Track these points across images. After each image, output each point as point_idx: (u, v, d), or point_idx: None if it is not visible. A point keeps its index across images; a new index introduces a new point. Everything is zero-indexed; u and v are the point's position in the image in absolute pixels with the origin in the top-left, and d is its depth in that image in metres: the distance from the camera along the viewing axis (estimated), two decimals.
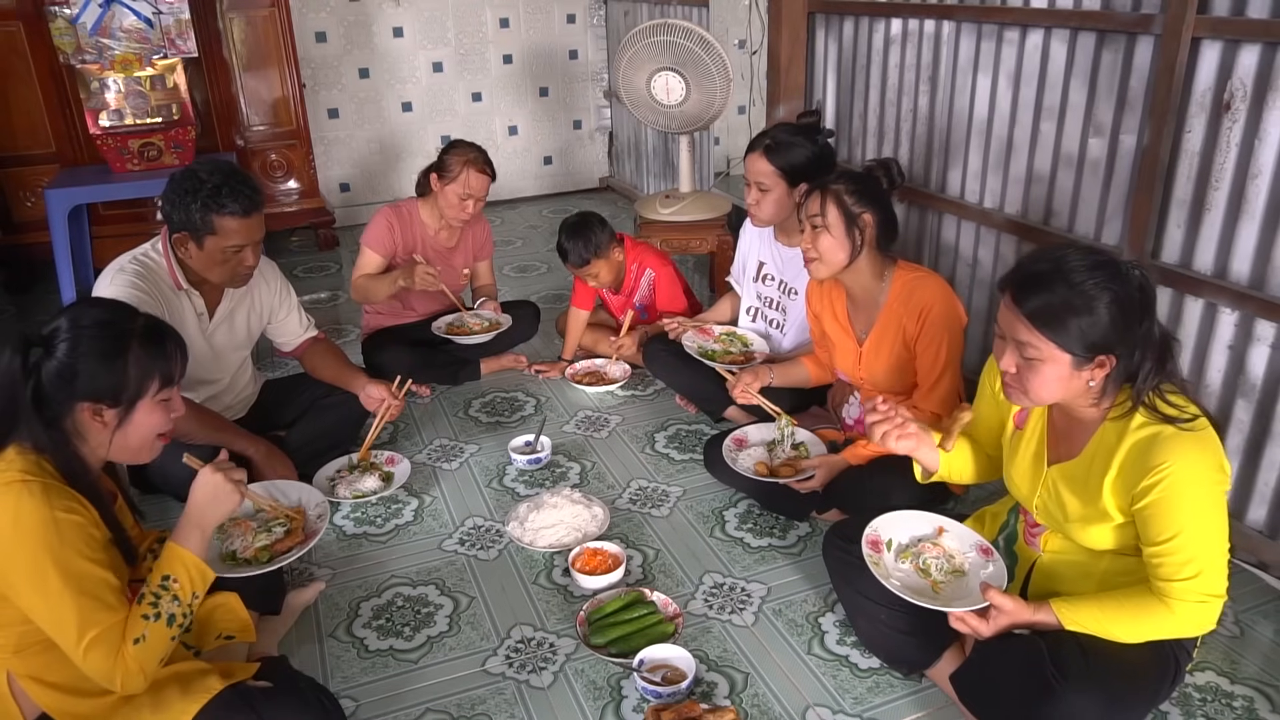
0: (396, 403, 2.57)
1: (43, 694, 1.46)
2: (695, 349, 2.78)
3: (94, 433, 1.50)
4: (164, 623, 1.46)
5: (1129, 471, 1.48)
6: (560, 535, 2.29)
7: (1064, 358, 1.45)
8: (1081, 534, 1.59)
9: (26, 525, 1.37)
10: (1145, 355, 1.45)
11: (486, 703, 1.85)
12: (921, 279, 2.18)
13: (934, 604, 1.63)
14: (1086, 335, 1.42)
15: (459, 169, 2.97)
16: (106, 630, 1.40)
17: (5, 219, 4.29)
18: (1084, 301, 1.41)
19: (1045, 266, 1.46)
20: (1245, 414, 2.14)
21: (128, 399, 1.50)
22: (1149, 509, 1.45)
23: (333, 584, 2.21)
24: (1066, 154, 2.49)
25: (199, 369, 2.41)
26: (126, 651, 1.41)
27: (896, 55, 3.07)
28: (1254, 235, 2.05)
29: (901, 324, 2.16)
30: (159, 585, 1.49)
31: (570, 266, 3.11)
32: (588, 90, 5.70)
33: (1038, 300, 1.44)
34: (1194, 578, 1.45)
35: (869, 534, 1.77)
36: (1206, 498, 1.45)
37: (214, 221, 2.19)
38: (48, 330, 1.47)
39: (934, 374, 2.13)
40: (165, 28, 3.92)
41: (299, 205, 4.80)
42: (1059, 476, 1.61)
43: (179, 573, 1.51)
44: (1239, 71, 2.02)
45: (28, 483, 1.39)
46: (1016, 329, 1.48)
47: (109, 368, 1.47)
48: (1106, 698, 1.48)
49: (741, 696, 1.84)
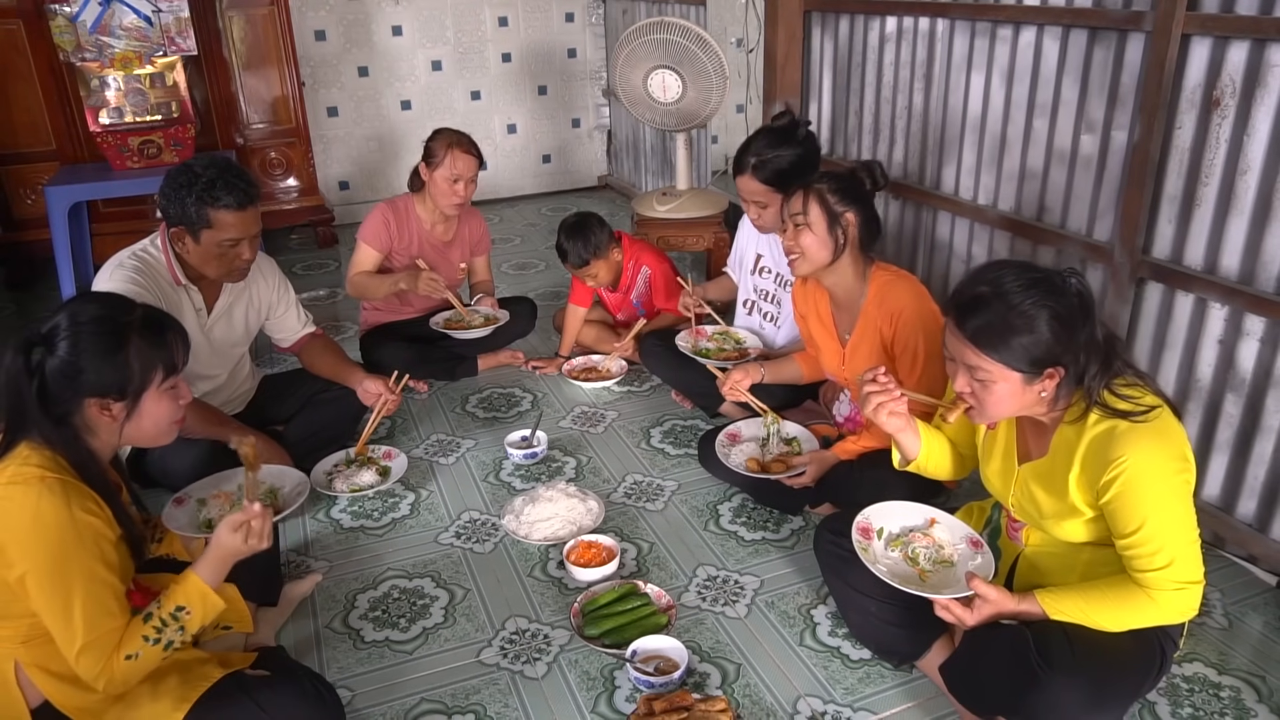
0: (393, 398, 2.59)
1: (48, 683, 1.48)
2: (689, 348, 2.80)
3: (103, 426, 1.52)
4: (160, 647, 1.48)
5: (1090, 467, 1.51)
6: (555, 529, 2.31)
7: (1013, 375, 1.48)
8: (1056, 529, 1.61)
9: (46, 524, 1.38)
10: (1090, 359, 1.48)
11: (481, 693, 1.87)
12: (893, 281, 2.19)
13: (920, 591, 1.65)
14: (1030, 352, 1.46)
15: (443, 152, 2.98)
16: (103, 637, 1.42)
17: (6, 216, 4.31)
18: (1024, 321, 1.45)
19: (983, 289, 1.49)
20: (1235, 408, 2.16)
21: (133, 391, 1.51)
22: (1113, 503, 1.48)
23: (329, 576, 2.23)
24: (1059, 150, 2.51)
25: (198, 364, 2.43)
26: (115, 663, 1.43)
27: (891, 53, 3.08)
28: (1243, 231, 2.07)
29: (878, 326, 2.18)
30: (170, 614, 1.49)
31: (569, 266, 3.13)
32: (586, 89, 5.72)
33: (979, 322, 1.48)
34: (1166, 566, 1.47)
35: (860, 521, 1.79)
36: (1167, 487, 1.47)
37: (209, 215, 2.21)
38: (47, 328, 1.48)
39: (914, 374, 2.14)
40: (165, 26, 3.94)
41: (298, 203, 4.82)
42: (1030, 475, 1.64)
43: (195, 606, 1.52)
44: (1228, 68, 2.03)
45: (46, 480, 1.40)
46: (964, 353, 1.51)
47: (111, 363, 1.48)
48: (1092, 687, 1.49)
49: (733, 687, 1.86)
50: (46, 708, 1.49)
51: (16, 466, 1.42)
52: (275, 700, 1.54)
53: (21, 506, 1.38)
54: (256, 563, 1.95)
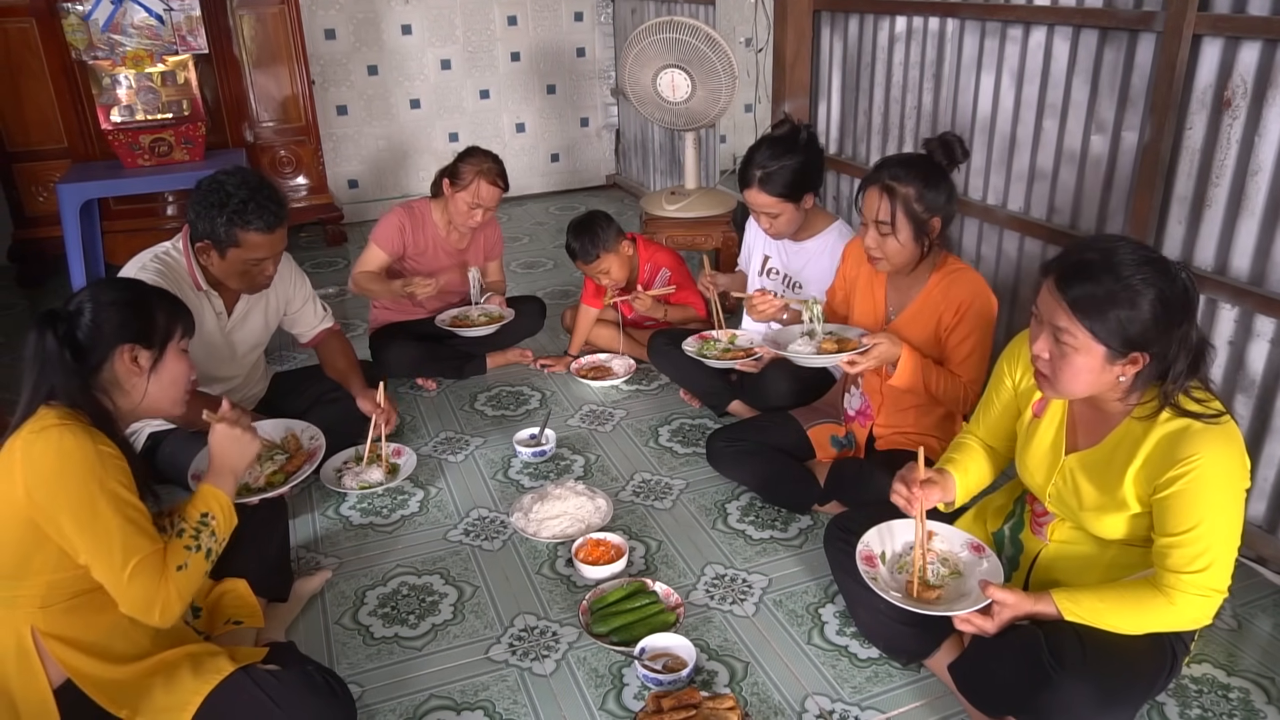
0: (384, 411, 2.56)
1: (68, 655, 1.47)
2: (695, 351, 2.79)
3: (131, 378, 1.58)
4: (203, 555, 1.58)
5: (1155, 463, 1.48)
6: (564, 526, 2.32)
7: (1098, 349, 1.44)
8: (1095, 522, 1.60)
9: (72, 458, 1.44)
10: (1179, 357, 1.44)
11: (489, 689, 1.87)
12: (963, 272, 2.14)
13: (937, 610, 1.64)
14: (1125, 329, 1.41)
15: (471, 178, 2.99)
16: (150, 556, 1.48)
17: (18, 213, 4.33)
18: (1128, 295, 1.40)
19: (1094, 256, 1.44)
20: (1245, 409, 2.15)
21: (160, 340, 1.60)
22: (1171, 499, 1.46)
23: (339, 573, 2.24)
24: (1069, 151, 2.51)
25: (217, 366, 2.45)
26: (170, 576, 1.50)
27: (901, 52, 3.08)
28: (1254, 232, 2.06)
29: (938, 313, 2.13)
30: (199, 522, 1.60)
31: (580, 264, 3.13)
32: (595, 88, 5.73)
33: (1082, 288, 1.42)
34: (1202, 571, 1.46)
35: (862, 550, 1.76)
36: (1230, 493, 1.45)
37: (238, 236, 2.23)
38: (73, 306, 1.56)
39: (964, 365, 2.12)
40: (176, 24, 3.96)
41: (308, 201, 4.83)
42: (1077, 465, 1.61)
43: (215, 511, 1.64)
44: (1239, 68, 2.03)
45: (66, 424, 1.46)
46: (1056, 314, 1.46)
47: (139, 313, 1.60)
48: (1103, 688, 1.49)
49: (741, 685, 1.87)
50: (68, 688, 1.47)
51: (37, 420, 1.47)
52: (287, 694, 1.54)
53: (45, 448, 1.43)
54: (267, 559, 1.98)
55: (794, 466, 2.42)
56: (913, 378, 2.10)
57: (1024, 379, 1.73)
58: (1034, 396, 1.71)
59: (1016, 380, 1.75)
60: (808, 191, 2.56)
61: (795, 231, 2.69)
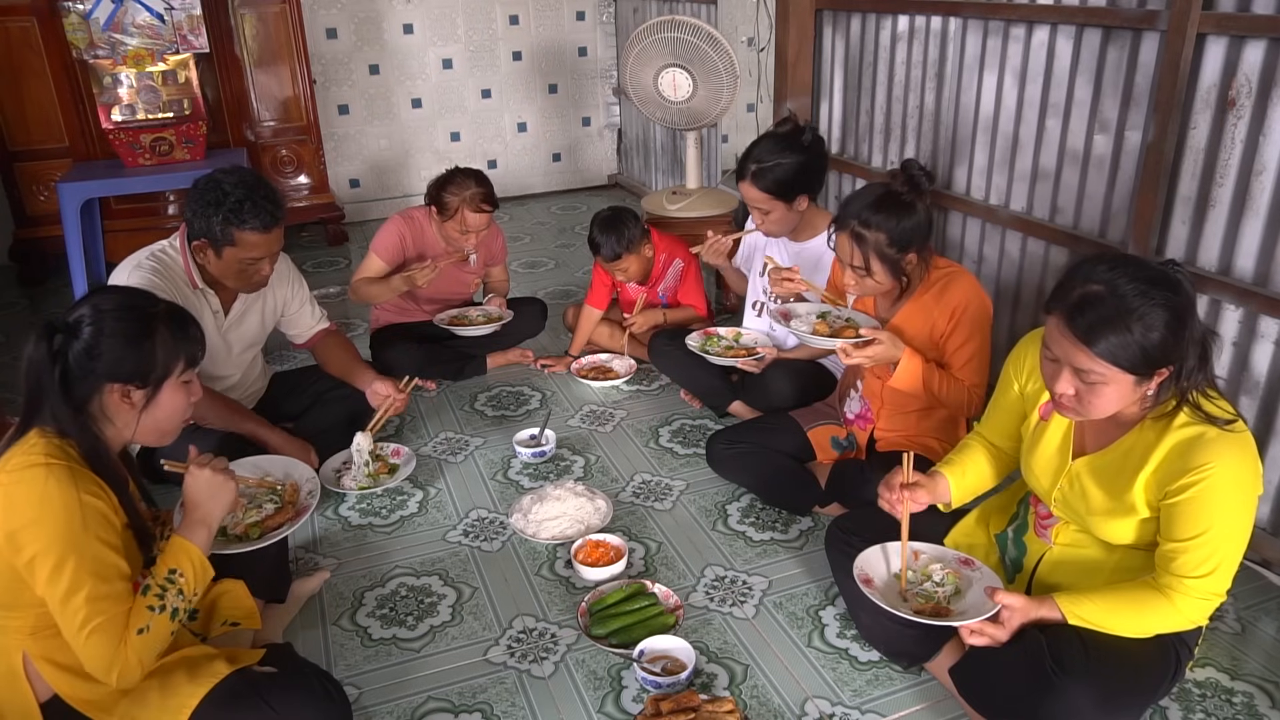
0: (401, 398, 2.59)
1: (56, 676, 1.48)
2: (697, 346, 2.79)
3: (121, 414, 1.53)
4: (167, 615, 1.48)
5: (1167, 468, 1.47)
6: (563, 527, 2.31)
7: (1126, 379, 1.42)
8: (1102, 527, 1.58)
9: (54, 507, 1.39)
10: (1190, 354, 1.43)
11: (488, 691, 1.86)
12: (956, 275, 2.13)
13: (949, 621, 1.63)
14: (1148, 354, 1.39)
15: (456, 207, 2.96)
16: (111, 619, 1.42)
17: (19, 212, 4.33)
18: (1143, 323, 1.37)
19: (1098, 288, 1.40)
20: (1249, 411, 2.14)
21: (155, 379, 1.53)
22: (1181, 505, 1.45)
23: (337, 573, 2.23)
24: (1072, 151, 2.49)
25: (213, 365, 2.45)
26: (129, 641, 1.43)
27: (903, 52, 3.07)
28: (1258, 232, 2.05)
29: (931, 317, 2.13)
30: (165, 579, 1.51)
31: (601, 260, 3.11)
32: (597, 87, 5.72)
33: (1096, 327, 1.39)
34: (1207, 575, 1.45)
35: (859, 574, 1.74)
36: (1241, 501, 1.44)
37: (235, 235, 2.23)
38: (73, 317, 1.50)
39: (965, 367, 2.11)
40: (177, 23, 3.96)
41: (309, 201, 4.83)
42: (1085, 469, 1.60)
43: (185, 567, 1.53)
44: (1244, 68, 2.02)
45: (52, 465, 1.41)
46: (1075, 357, 1.43)
47: (136, 349, 1.50)
48: (1105, 692, 1.48)
49: (741, 688, 1.86)
50: (55, 702, 1.48)
51: (24, 453, 1.42)
52: (283, 697, 1.54)
53: (29, 491, 1.39)
54: (265, 560, 1.96)
55: (795, 468, 2.41)
56: (913, 380, 2.09)
57: (1030, 383, 1.72)
58: (1040, 399, 1.69)
59: (1023, 384, 1.74)
60: (802, 193, 2.55)
61: (795, 232, 2.69)
